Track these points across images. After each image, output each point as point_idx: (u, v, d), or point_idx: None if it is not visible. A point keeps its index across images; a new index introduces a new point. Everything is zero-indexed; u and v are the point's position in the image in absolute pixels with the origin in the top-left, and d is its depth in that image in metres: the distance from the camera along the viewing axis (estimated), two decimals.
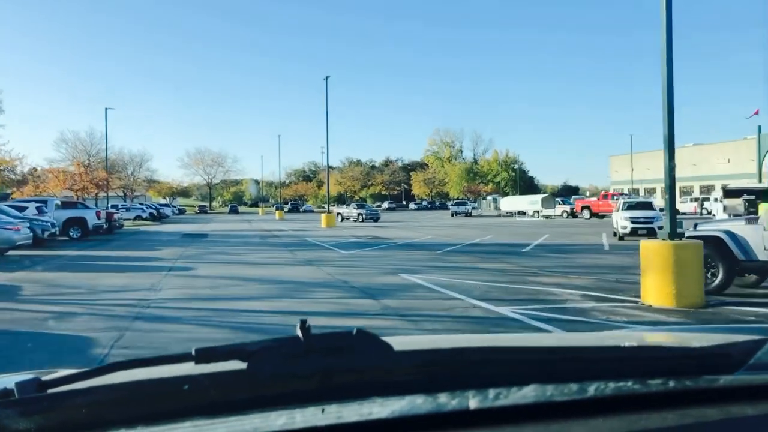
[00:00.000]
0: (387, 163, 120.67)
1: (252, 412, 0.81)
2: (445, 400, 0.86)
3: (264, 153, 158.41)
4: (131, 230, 34.34)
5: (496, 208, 66.57)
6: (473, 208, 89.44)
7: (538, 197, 52.66)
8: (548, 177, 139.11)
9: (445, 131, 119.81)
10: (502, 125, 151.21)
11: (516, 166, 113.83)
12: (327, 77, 34.86)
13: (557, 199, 52.47)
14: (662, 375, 0.96)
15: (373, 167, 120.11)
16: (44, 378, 0.92)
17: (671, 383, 0.95)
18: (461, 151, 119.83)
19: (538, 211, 50.14)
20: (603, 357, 1.08)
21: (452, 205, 60.63)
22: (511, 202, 56.39)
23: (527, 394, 0.89)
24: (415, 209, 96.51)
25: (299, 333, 0.87)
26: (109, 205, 47.94)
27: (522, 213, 52.24)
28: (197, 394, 0.84)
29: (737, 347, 1.07)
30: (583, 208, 44.74)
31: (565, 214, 48.73)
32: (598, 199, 44.34)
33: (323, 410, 0.82)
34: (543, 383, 0.91)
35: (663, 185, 8.95)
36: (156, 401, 0.85)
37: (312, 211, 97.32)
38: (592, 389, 0.91)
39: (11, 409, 0.81)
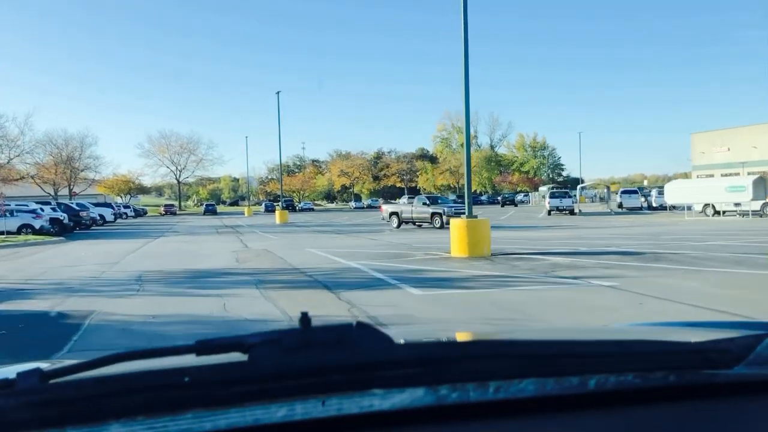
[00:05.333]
0: (379, 156, 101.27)
1: (253, 404, 0.81)
2: (446, 393, 0.86)
3: (239, 153, 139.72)
4: None
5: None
6: (521, 202, 70.41)
7: (746, 180, 29.99)
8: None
9: (457, 114, 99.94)
10: (517, 111, 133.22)
11: (546, 152, 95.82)
12: None
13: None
14: (662, 369, 0.95)
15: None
16: (45, 368, 0.88)
17: (671, 378, 0.94)
18: (476, 137, 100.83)
19: (711, 205, 30.18)
20: (603, 351, 1.04)
21: (550, 197, 40.45)
22: (684, 190, 32.40)
23: (527, 387, 0.89)
24: None
25: (300, 325, 0.87)
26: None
27: (686, 207, 31.81)
28: (198, 386, 0.83)
29: (736, 342, 1.04)
30: None
31: None
32: None
33: (324, 402, 0.83)
34: (543, 377, 0.91)
35: None
36: (157, 392, 0.83)
37: (312, 210, 76.30)
38: (592, 383, 0.91)
39: (12, 400, 0.80)
